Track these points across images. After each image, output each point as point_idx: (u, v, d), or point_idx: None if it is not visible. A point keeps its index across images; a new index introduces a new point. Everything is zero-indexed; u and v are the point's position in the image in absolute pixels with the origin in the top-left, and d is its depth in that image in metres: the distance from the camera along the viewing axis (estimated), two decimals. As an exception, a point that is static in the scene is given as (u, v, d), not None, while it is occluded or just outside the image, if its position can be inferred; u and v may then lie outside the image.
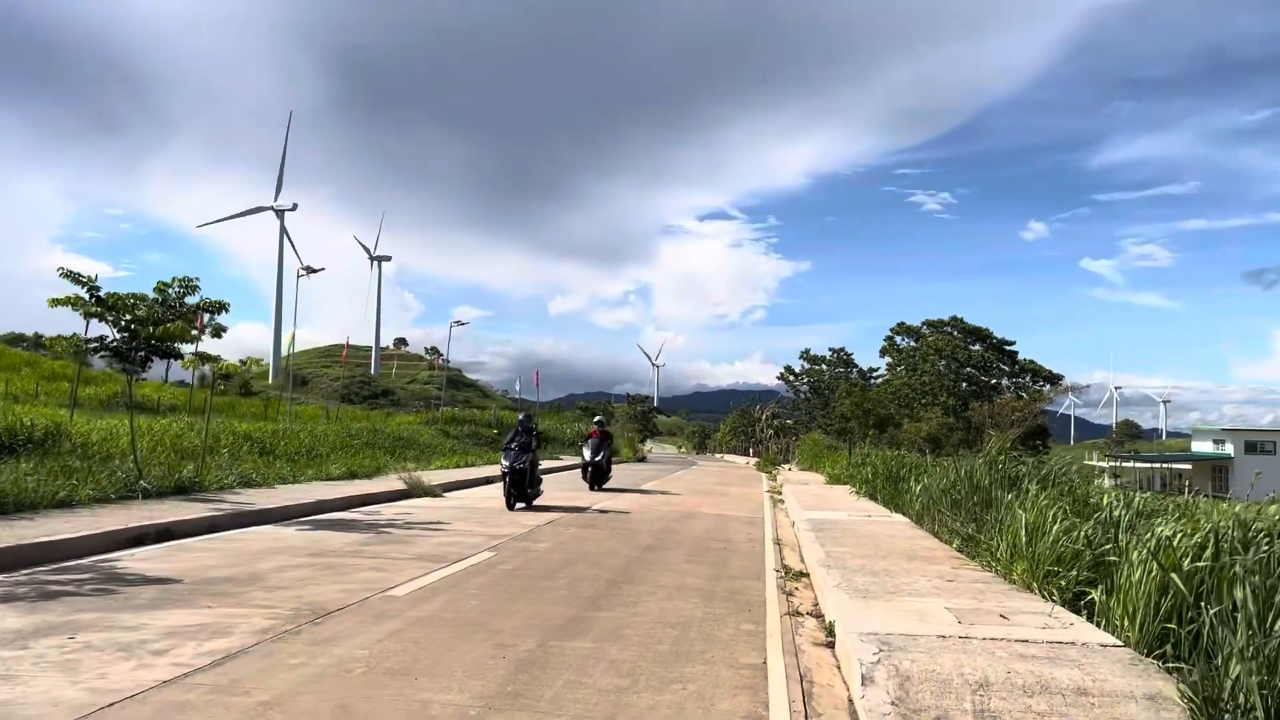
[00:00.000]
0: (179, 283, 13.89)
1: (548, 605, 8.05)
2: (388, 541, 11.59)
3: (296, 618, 7.01)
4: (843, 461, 32.06)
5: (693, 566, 10.84)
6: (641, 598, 8.67)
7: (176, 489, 14.41)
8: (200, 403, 50.56)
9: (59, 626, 6.37)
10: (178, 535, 11.18)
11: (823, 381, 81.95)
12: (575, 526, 14.45)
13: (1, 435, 15.63)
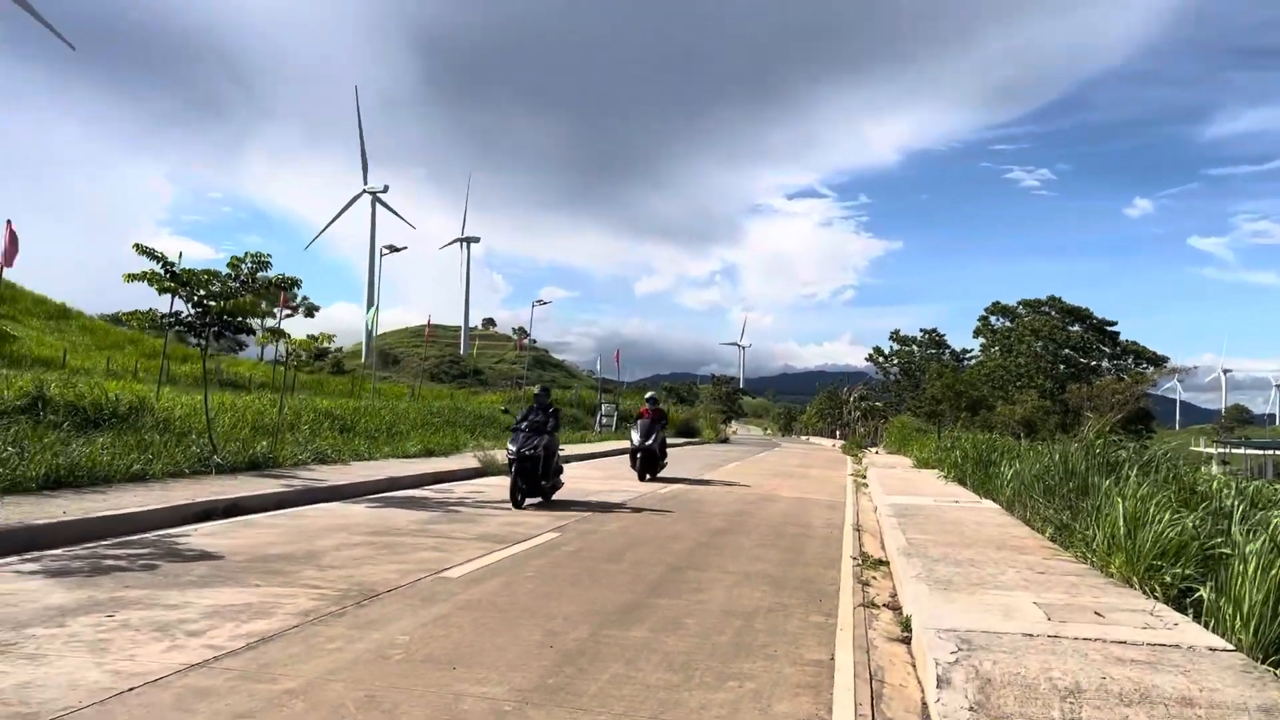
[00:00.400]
0: (251, 258, 13.89)
1: (606, 590, 7.68)
2: (453, 520, 11.39)
3: (343, 599, 6.77)
4: (931, 445, 31.07)
5: (764, 552, 10.37)
6: (706, 584, 8.24)
7: (250, 464, 14.47)
8: (290, 379, 51.69)
9: (102, 604, 6.23)
10: (245, 510, 11.14)
11: (913, 363, 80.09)
12: (646, 509, 14.08)
13: (88, 409, 15.92)
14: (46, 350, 47.42)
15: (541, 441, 13.40)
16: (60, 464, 11.11)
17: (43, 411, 15.13)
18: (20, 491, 10.31)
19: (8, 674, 4.66)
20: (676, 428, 52.27)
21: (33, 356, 44.78)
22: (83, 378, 29.93)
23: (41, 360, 43.90)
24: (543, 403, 14.32)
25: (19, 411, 14.85)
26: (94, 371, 41.23)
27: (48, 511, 9.09)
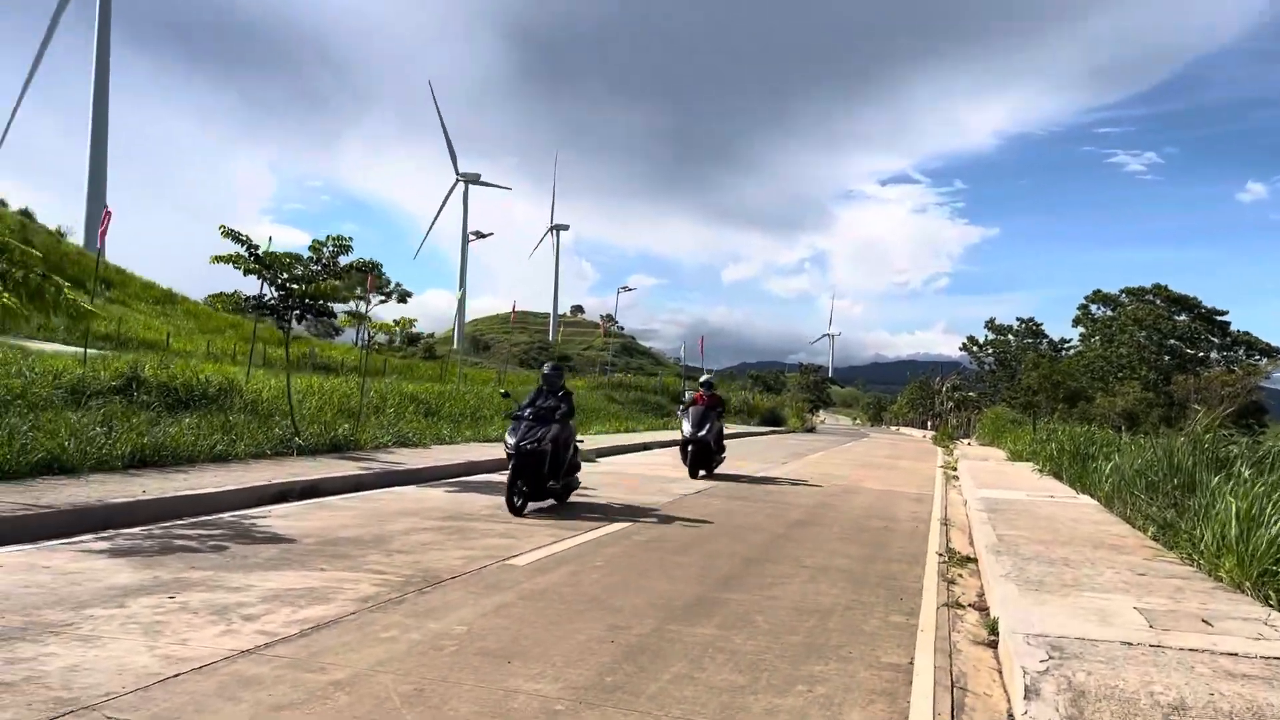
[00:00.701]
0: (332, 241, 13.97)
1: (676, 582, 7.41)
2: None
3: (405, 586, 6.64)
4: (1026, 437, 30.00)
5: (845, 546, 9.97)
6: (781, 579, 7.91)
7: (332, 446, 14.59)
8: (379, 364, 52.67)
9: (165, 584, 6.20)
10: (322, 493, 11.18)
11: (1009, 352, 77.81)
12: (722, 497, 13.77)
13: (179, 390, 16.27)
14: (152, 333, 49.16)
15: (548, 433, 10.87)
16: (146, 443, 11.30)
17: (136, 392, 15.51)
18: (106, 470, 10.50)
19: (57, 656, 4.60)
20: (761, 416, 51.71)
21: (139, 339, 46.43)
22: (183, 360, 30.88)
23: (146, 343, 45.49)
24: (553, 385, 11.58)
25: (114, 392, 15.23)
26: (194, 354, 42.56)
27: (128, 490, 9.21)
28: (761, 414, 52.61)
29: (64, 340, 40.19)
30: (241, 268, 13.32)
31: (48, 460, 9.96)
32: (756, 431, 42.42)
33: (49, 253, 63.79)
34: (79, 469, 10.22)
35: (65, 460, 10.15)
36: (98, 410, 13.15)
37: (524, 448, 10.62)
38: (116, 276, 66.58)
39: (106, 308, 56.14)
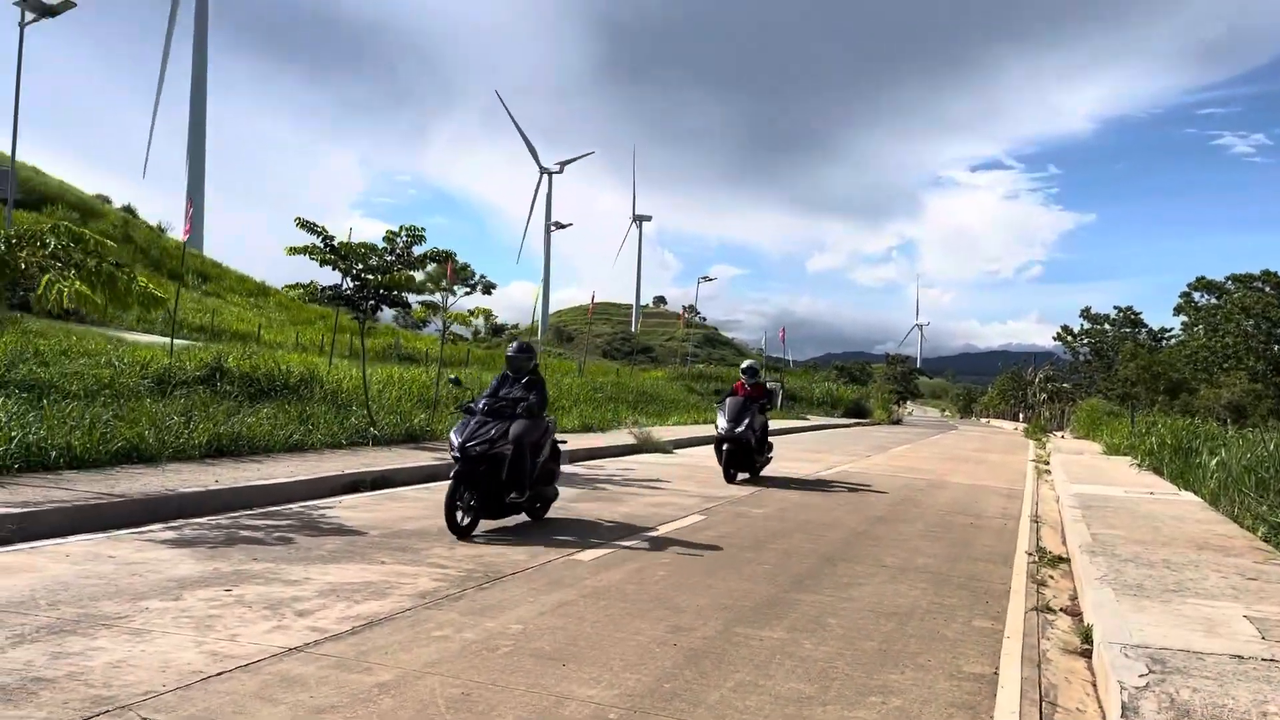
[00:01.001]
0: (406, 231, 13.95)
1: (746, 581, 7.10)
2: (597, 499, 11.05)
3: (465, 581, 6.47)
4: (1124, 430, 28.80)
5: (928, 544, 9.52)
6: (858, 579, 7.54)
7: (407, 437, 14.61)
8: (462, 355, 53.18)
9: (224, 577, 6.13)
10: (394, 483, 11.13)
11: (1105, 342, 75.18)
12: (800, 491, 13.38)
13: (261, 381, 16.51)
14: (244, 325, 50.51)
15: (503, 430, 8.30)
16: (223, 433, 11.40)
17: (220, 382, 15.76)
18: (184, 459, 10.60)
19: (104, 651, 4.51)
20: (846, 408, 50.82)
21: (231, 331, 47.75)
22: (271, 351, 31.56)
23: (239, 334, 46.74)
24: (518, 369, 9.03)
25: (199, 382, 15.50)
26: (284, 345, 43.52)
27: (201, 480, 9.26)
28: (846, 406, 51.70)
29: (161, 331, 41.56)
30: (317, 259, 13.39)
31: (127, 449, 10.09)
32: (840, 423, 41.69)
33: (149, 247, 66.10)
34: (157, 458, 10.34)
35: (144, 449, 10.28)
36: (181, 400, 13.36)
37: (472, 450, 8.00)
38: (213, 270, 68.67)
39: (202, 300, 57.94)
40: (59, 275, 7.96)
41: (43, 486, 8.16)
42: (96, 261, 8.32)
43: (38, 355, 14.38)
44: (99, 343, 22.03)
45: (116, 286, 8.32)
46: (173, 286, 62.64)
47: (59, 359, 14.46)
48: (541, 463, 8.89)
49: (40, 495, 7.74)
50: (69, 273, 8.05)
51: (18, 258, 7.99)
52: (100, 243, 8.56)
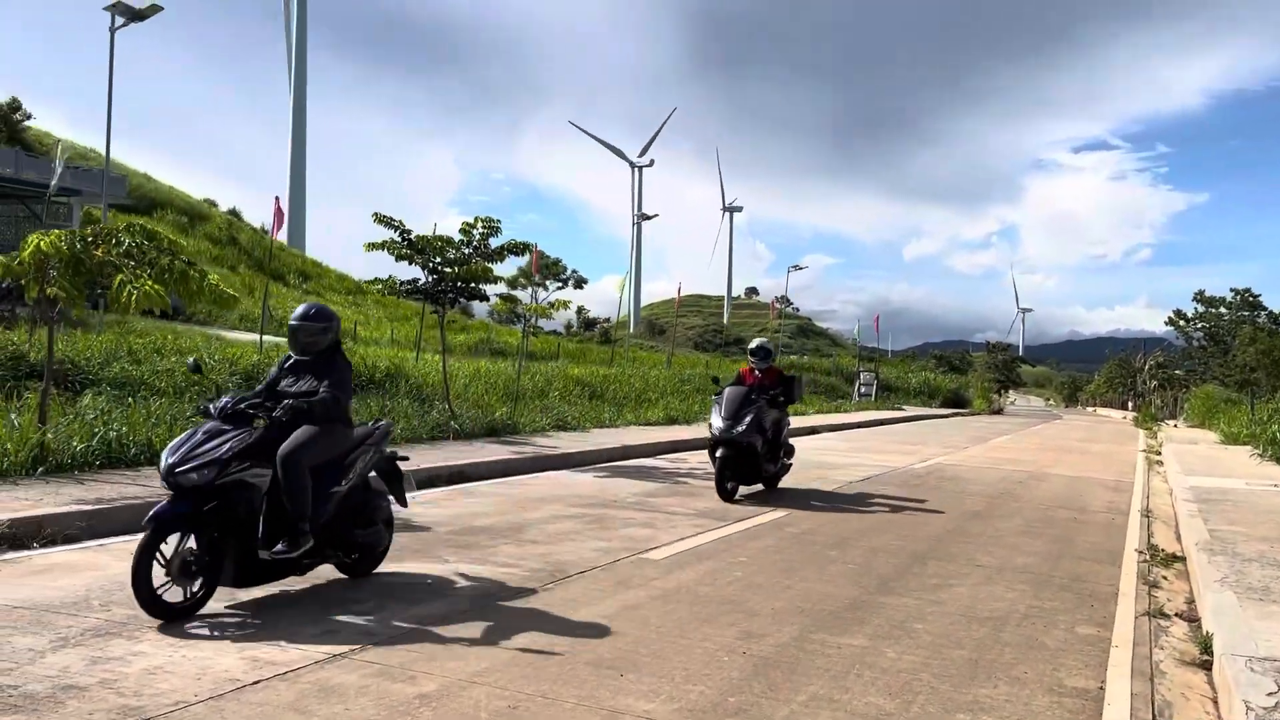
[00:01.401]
0: (482, 223, 13.81)
1: (827, 583, 6.68)
2: (676, 493, 10.70)
3: (528, 581, 6.20)
4: (1243, 418, 27.21)
5: (1027, 541, 8.92)
6: (950, 579, 7.04)
7: (489, 431, 14.50)
8: (551, 348, 53.43)
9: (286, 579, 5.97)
10: (471, 478, 10.98)
11: (1221, 326, 71.62)
12: (893, 484, 12.81)
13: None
14: (343, 322, 51.60)
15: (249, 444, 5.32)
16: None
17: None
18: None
19: (145, 656, 4.36)
20: (944, 398, 49.41)
21: (329, 328, 48.67)
22: (368, 347, 32.05)
23: (337, 332, 47.64)
24: (306, 345, 6.00)
25: (286, 378, 15.67)
26: (380, 341, 44.32)
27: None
28: (944, 395, 50.30)
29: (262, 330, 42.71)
30: (394, 253, 13.36)
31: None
32: (938, 414, 40.50)
33: (253, 248, 68.14)
34: (237, 453, 10.36)
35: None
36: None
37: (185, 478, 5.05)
38: (313, 269, 70.48)
39: (303, 299, 59.50)
40: (131, 274, 7.95)
41: (119, 483, 8.19)
42: (169, 259, 8.30)
43: (131, 354, 14.69)
44: (197, 341, 22.59)
45: (189, 284, 8.29)
46: (273, 286, 64.42)
47: (151, 357, 14.75)
48: (345, 491, 5.79)
49: (114, 492, 7.76)
50: (142, 271, 8.04)
51: (92, 256, 8.01)
52: (173, 241, 8.56)
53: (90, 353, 13.81)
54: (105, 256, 8.16)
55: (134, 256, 8.26)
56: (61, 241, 7.80)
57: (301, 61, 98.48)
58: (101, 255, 8.16)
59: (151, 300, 7.87)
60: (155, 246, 8.42)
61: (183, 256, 8.48)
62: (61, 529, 6.72)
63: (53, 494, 7.51)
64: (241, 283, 57.92)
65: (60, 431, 9.03)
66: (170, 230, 61.45)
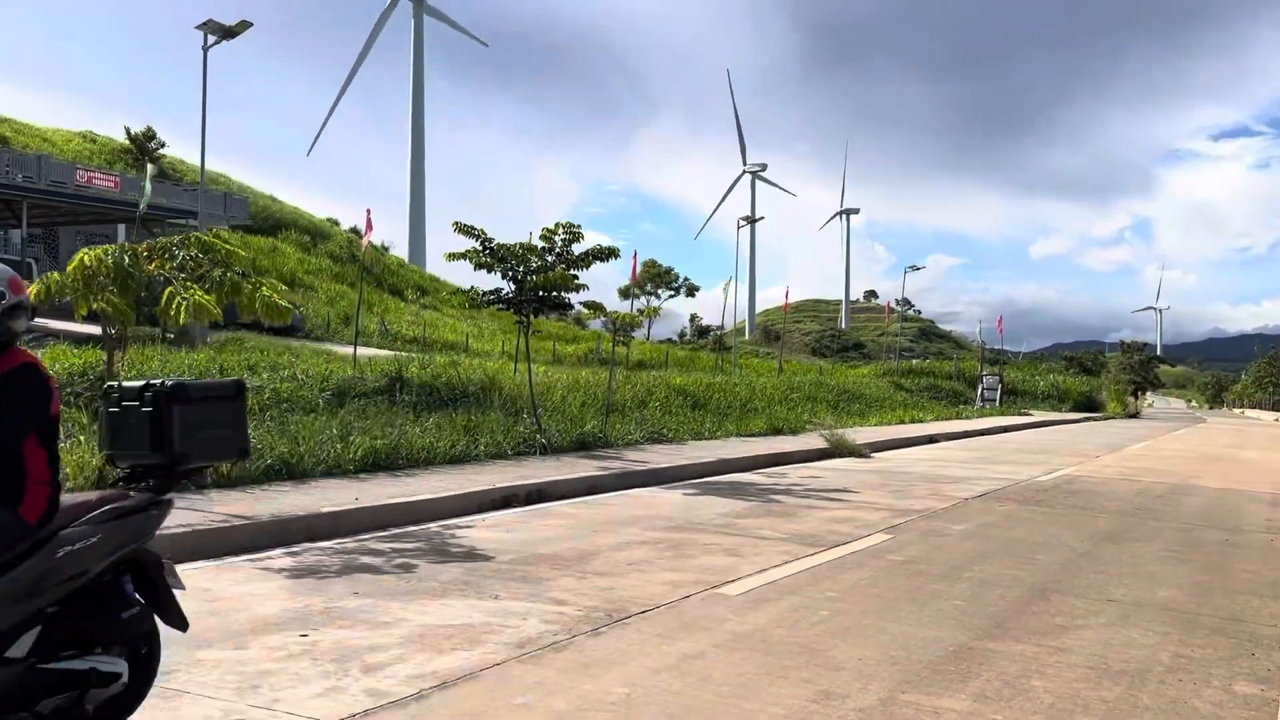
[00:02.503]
0: (563, 229, 13.25)
1: (929, 624, 5.77)
2: (769, 513, 9.86)
3: (580, 623, 5.49)
4: None
5: (1170, 569, 7.77)
6: (1076, 619, 6.03)
7: (578, 445, 13.90)
8: (661, 356, 52.84)
9: (309, 617, 5.43)
10: (550, 497, 10.37)
11: (1384, 319, 66.18)
12: (1014, 501, 11.64)
13: (440, 389, 16.32)
14: (456, 335, 52.32)
15: None
16: (379, 447, 11.00)
17: (400, 392, 15.64)
18: (338, 474, 10.25)
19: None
20: (1075, 401, 46.78)
21: (443, 341, 49.50)
22: (478, 359, 32.09)
23: (450, 344, 48.38)
24: None
25: (378, 393, 15.42)
26: (491, 353, 44.61)
27: (342, 498, 8.78)
28: (1075, 399, 47.64)
29: (378, 344, 43.51)
30: (474, 262, 12.92)
31: (279, 466, 9.81)
32: (1068, 419, 38.25)
33: (372, 264, 69.85)
34: (311, 474, 10.02)
35: (297, 465, 9.98)
36: (354, 412, 13.20)
37: None
38: (430, 284, 71.91)
39: (420, 313, 60.61)
40: (181, 287, 7.62)
41: (180, 509, 7.83)
42: (222, 271, 7.95)
43: (222, 373, 14.64)
44: (306, 356, 22.74)
45: (240, 295, 7.93)
46: (391, 301, 65.67)
47: (242, 374, 14.66)
48: None
49: (170, 520, 7.37)
50: (191, 285, 7.70)
51: (144, 270, 7.70)
52: (230, 252, 8.23)
53: (181, 372, 13.78)
54: (158, 271, 7.84)
55: (186, 269, 7.93)
56: (108, 255, 7.51)
57: (420, 82, 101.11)
58: (154, 270, 7.85)
59: (202, 311, 7.53)
60: (210, 259, 8.08)
61: (236, 268, 8.12)
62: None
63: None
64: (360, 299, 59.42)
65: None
66: (293, 249, 63.52)
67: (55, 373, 11.88)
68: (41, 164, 43.92)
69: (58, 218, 35.47)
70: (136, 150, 62.35)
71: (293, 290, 53.70)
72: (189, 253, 8.02)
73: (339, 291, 54.99)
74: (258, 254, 56.72)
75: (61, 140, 64.27)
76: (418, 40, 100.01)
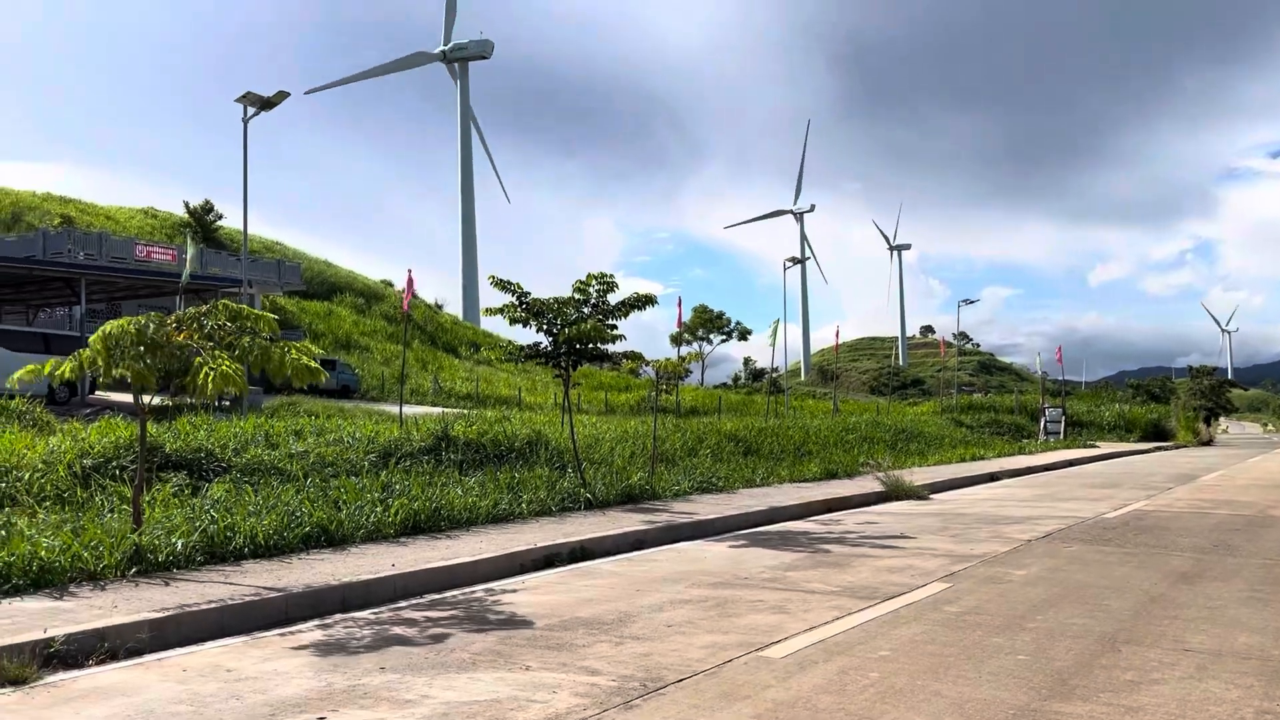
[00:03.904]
0: (596, 280, 13.09)
1: (986, 684, 5.37)
2: (820, 564, 9.46)
3: (612, 696, 5.19)
4: None
5: (1251, 613, 7.24)
6: (1149, 672, 5.59)
7: (625, 498, 13.61)
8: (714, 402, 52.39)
9: (330, 696, 5.20)
10: (593, 554, 10.09)
11: None
12: (1078, 542, 11.08)
13: (487, 446, 16.19)
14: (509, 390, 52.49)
15: None
16: (419, 509, 10.83)
17: (446, 451, 15.53)
18: (378, 539, 10.07)
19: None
20: (1142, 430, 45.33)
21: (497, 396, 49.69)
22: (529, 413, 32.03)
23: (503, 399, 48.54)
24: None
25: (424, 453, 15.32)
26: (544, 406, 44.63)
27: (378, 565, 8.58)
28: (1143, 428, 46.18)
29: (431, 402, 43.77)
30: (508, 317, 12.81)
31: (316, 532, 9.67)
32: (1135, 449, 37.01)
33: (425, 323, 70.63)
34: (350, 540, 9.86)
35: (335, 531, 9.82)
36: (399, 473, 13.10)
37: None
38: (484, 340, 72.41)
39: (473, 370, 61.01)
40: (210, 357, 7.55)
41: (208, 583, 7.72)
42: (249, 339, 7.89)
43: (268, 438, 14.66)
44: (357, 418, 22.79)
45: (270, 361, 7.85)
46: (445, 359, 66.06)
47: (287, 439, 14.67)
48: None
49: (197, 594, 7.25)
50: (221, 353, 7.63)
51: (171, 339, 7.66)
52: (259, 317, 8.17)
53: (227, 439, 13.80)
54: (187, 341, 7.80)
55: (215, 338, 7.88)
56: (131, 325, 7.48)
57: (467, 143, 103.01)
58: (183, 340, 7.80)
59: (229, 381, 7.45)
60: (238, 326, 8.03)
61: (264, 335, 8.05)
62: (124, 641, 6.20)
63: (132, 598, 7.06)
64: (414, 357, 60.00)
65: (160, 528, 8.71)
66: (348, 311, 64.46)
67: (100, 446, 12.00)
68: (102, 241, 45.24)
69: (117, 292, 36.36)
70: (195, 223, 64.01)
71: (349, 352, 54.56)
72: (217, 321, 7.96)
73: (394, 351, 55.64)
74: (314, 318, 57.77)
75: (124, 217, 66.35)
76: (464, 102, 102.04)
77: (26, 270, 31.65)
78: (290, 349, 8.07)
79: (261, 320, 8.20)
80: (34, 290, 34.72)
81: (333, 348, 51.95)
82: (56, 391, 25.99)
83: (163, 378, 8.02)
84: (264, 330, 8.16)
